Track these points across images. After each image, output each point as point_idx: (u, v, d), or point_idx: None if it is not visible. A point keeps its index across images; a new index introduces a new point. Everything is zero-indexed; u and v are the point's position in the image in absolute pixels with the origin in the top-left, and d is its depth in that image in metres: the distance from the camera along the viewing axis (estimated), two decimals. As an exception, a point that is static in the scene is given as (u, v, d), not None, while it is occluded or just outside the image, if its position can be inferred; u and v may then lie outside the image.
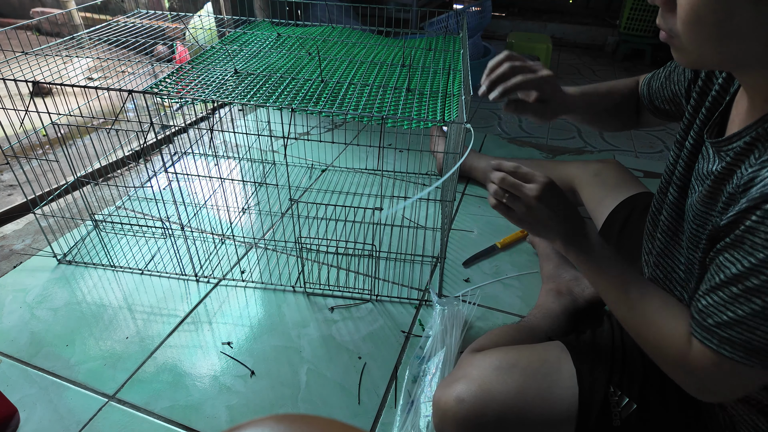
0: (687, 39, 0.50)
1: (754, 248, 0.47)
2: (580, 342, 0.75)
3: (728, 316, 0.50)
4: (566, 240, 0.67)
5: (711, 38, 0.49)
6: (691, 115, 0.69)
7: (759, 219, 0.46)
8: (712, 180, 0.58)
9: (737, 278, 0.49)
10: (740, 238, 0.48)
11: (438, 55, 1.26)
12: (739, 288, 0.49)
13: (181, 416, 0.89)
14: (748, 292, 0.48)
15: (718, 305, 0.51)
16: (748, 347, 0.49)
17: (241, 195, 1.53)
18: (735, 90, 0.61)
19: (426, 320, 1.10)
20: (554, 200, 0.66)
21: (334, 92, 0.99)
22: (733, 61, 0.52)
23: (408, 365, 0.98)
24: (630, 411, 0.67)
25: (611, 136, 1.98)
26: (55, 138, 1.72)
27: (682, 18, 0.49)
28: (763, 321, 0.48)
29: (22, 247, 1.25)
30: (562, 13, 3.35)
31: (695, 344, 0.55)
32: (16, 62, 1.02)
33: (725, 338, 0.51)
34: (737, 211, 0.49)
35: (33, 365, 0.97)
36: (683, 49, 0.52)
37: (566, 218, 0.67)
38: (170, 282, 1.18)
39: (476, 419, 0.68)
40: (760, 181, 0.48)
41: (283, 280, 1.18)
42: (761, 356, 0.49)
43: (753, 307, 0.48)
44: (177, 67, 1.06)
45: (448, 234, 1.12)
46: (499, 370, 0.71)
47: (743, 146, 0.53)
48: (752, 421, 0.62)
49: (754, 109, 0.54)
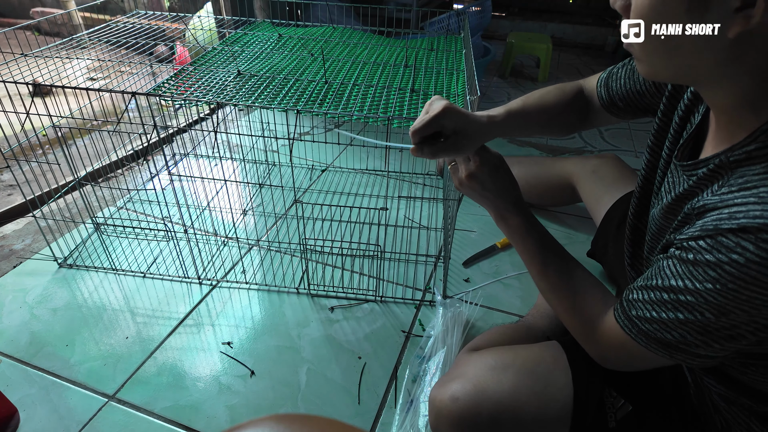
0: (638, 50, 0.51)
1: (698, 274, 0.48)
2: (577, 342, 0.75)
3: (652, 315, 0.54)
4: (496, 215, 0.72)
5: (657, 52, 0.49)
6: (662, 121, 0.68)
7: (708, 248, 0.47)
8: (675, 197, 0.59)
9: (672, 290, 0.51)
10: (688, 260, 0.49)
11: (440, 55, 1.26)
12: (670, 297, 0.52)
13: (181, 416, 0.89)
14: (677, 303, 0.51)
15: (646, 303, 0.55)
16: (662, 342, 0.54)
17: (243, 196, 1.53)
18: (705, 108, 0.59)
19: (426, 320, 1.10)
20: (489, 178, 0.69)
21: (338, 93, 0.99)
22: (686, 77, 0.51)
23: (408, 365, 0.98)
24: (626, 412, 0.67)
25: (612, 136, 1.98)
26: (55, 138, 1.72)
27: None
28: (680, 326, 0.51)
29: (22, 247, 1.25)
30: (562, 13, 3.35)
31: (611, 324, 0.60)
32: (15, 63, 1.03)
33: (643, 331, 0.55)
34: (690, 236, 0.50)
35: (33, 365, 0.97)
36: (639, 59, 0.52)
37: (498, 195, 0.70)
38: (171, 283, 1.18)
39: (471, 418, 0.68)
40: (716, 212, 0.48)
41: (287, 281, 1.18)
42: (670, 350, 0.53)
43: (678, 316, 0.51)
44: (179, 69, 1.05)
45: (453, 234, 1.12)
46: (495, 370, 0.71)
47: (707, 172, 0.53)
48: (746, 424, 0.62)
49: (720, 131, 0.54)
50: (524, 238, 0.71)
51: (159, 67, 1.14)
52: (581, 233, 1.38)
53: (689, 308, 0.50)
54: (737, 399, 0.61)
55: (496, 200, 0.70)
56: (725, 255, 0.46)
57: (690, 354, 0.53)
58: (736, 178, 0.49)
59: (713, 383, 0.64)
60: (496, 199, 0.70)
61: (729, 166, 0.50)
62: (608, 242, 1.08)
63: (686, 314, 0.50)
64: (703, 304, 0.48)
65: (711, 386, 0.64)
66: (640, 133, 2.01)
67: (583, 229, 1.39)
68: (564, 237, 1.35)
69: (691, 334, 0.51)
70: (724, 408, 0.64)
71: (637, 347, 0.56)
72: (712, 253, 0.47)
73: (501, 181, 0.70)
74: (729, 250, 0.45)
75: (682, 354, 0.53)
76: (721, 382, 0.62)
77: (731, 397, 0.62)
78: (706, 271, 0.47)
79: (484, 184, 0.69)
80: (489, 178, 0.69)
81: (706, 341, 0.50)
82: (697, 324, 0.50)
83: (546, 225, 1.41)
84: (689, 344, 0.52)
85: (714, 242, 0.47)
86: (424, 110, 0.68)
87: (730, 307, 0.47)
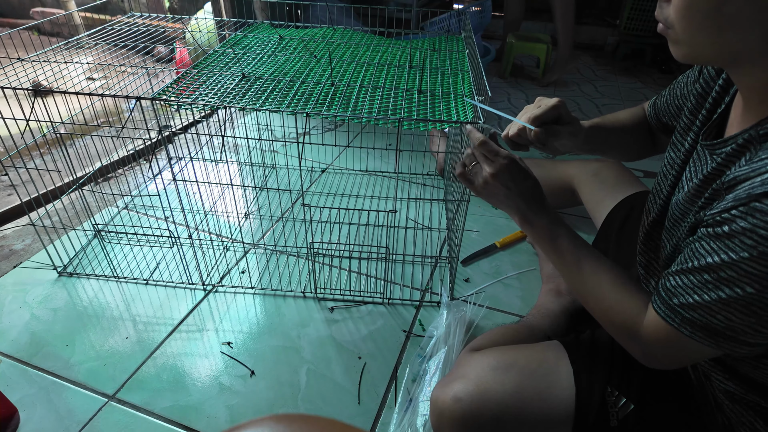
0: (681, 29, 0.50)
1: (734, 245, 0.47)
2: (579, 342, 0.75)
3: (693, 299, 0.52)
4: (521, 217, 0.69)
5: (703, 28, 0.48)
6: (688, 118, 0.69)
7: (741, 215, 0.47)
8: (701, 180, 0.58)
9: (710, 268, 0.50)
10: (722, 233, 0.49)
11: (443, 55, 1.26)
12: (711, 276, 0.50)
13: (181, 416, 0.89)
14: (718, 281, 0.49)
15: (686, 288, 0.53)
16: (707, 330, 0.52)
17: (248, 199, 1.53)
18: (734, 92, 0.61)
19: (426, 320, 1.10)
20: (511, 179, 0.67)
21: (345, 95, 0.99)
22: (728, 55, 0.51)
23: (408, 364, 0.98)
24: (627, 411, 0.67)
25: (611, 136, 1.98)
26: (53, 139, 1.72)
27: (676, 6, 0.49)
28: (724, 308, 0.49)
29: (23, 248, 1.25)
30: (562, 13, 3.35)
31: (653, 318, 0.57)
32: (12, 67, 1.02)
33: (687, 319, 0.53)
34: (723, 208, 0.49)
35: (33, 365, 0.97)
36: (678, 41, 0.52)
37: (521, 196, 0.68)
38: (175, 286, 1.18)
39: (473, 419, 0.68)
40: (748, 182, 0.48)
41: (293, 284, 1.18)
42: (716, 338, 0.51)
43: (720, 295, 0.49)
44: (183, 72, 1.05)
45: (462, 235, 1.12)
46: (497, 370, 0.71)
47: (735, 148, 0.53)
48: (750, 423, 0.62)
49: (749, 112, 0.54)
50: (553, 240, 0.68)
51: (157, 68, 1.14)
52: (581, 233, 1.37)
53: (730, 284, 0.48)
54: (745, 395, 0.61)
55: (520, 203, 0.68)
56: (760, 219, 0.45)
57: (737, 342, 0.51)
58: (767, 149, 0.49)
59: (722, 379, 0.64)
60: (520, 201, 0.68)
61: (758, 140, 0.50)
62: (609, 245, 1.08)
63: (728, 291, 0.49)
64: (744, 278, 0.47)
65: (720, 382, 0.64)
66: (640, 133, 2.01)
67: (584, 229, 1.39)
68: (564, 237, 1.35)
69: (736, 315, 0.49)
70: (727, 406, 0.64)
71: (683, 339, 0.54)
72: (746, 219, 0.46)
73: (524, 182, 0.68)
74: (764, 213, 0.45)
75: (729, 342, 0.51)
76: (731, 378, 0.62)
77: (739, 394, 0.62)
78: (743, 240, 0.46)
79: (508, 186, 0.67)
80: (512, 179, 0.67)
81: (751, 324, 0.49)
82: (740, 302, 0.48)
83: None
84: (735, 330, 0.50)
85: (747, 209, 0.46)
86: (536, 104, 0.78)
87: None
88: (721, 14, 0.46)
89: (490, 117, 0.85)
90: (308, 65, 1.13)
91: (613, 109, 2.22)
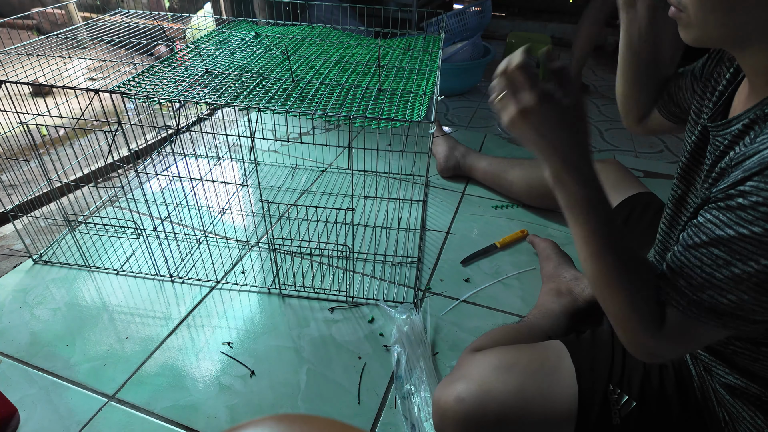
0: (694, 9, 0.51)
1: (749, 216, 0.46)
2: (580, 341, 0.75)
3: (703, 278, 0.49)
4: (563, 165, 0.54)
5: (716, 8, 0.50)
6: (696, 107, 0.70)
7: (755, 188, 0.45)
8: (710, 165, 0.58)
9: (721, 241, 0.48)
10: (735, 205, 0.47)
11: (416, 55, 1.26)
12: (722, 250, 0.48)
13: (181, 416, 0.89)
14: (731, 254, 0.47)
15: (694, 266, 0.50)
16: (716, 311, 0.49)
17: (242, 197, 1.53)
18: (739, 80, 0.61)
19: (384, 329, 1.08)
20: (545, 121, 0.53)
21: (304, 92, 0.99)
22: (736, 37, 0.52)
23: (393, 387, 0.95)
24: (629, 409, 0.67)
25: (611, 136, 1.98)
26: (38, 141, 1.72)
27: None
28: (736, 286, 0.47)
29: (23, 248, 1.25)
30: (562, 13, 3.35)
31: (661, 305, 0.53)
32: (9, 63, 1.03)
33: (695, 301, 0.50)
34: (733, 181, 0.48)
35: (33, 365, 0.97)
36: (689, 24, 0.53)
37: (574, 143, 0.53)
38: (173, 284, 1.18)
39: (476, 419, 0.68)
40: (757, 156, 0.47)
41: (289, 281, 1.18)
42: (724, 318, 0.49)
43: (732, 271, 0.47)
44: (148, 66, 1.06)
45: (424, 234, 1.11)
46: (499, 370, 0.71)
47: (741, 128, 0.53)
48: (751, 419, 0.62)
49: (754, 93, 0.55)
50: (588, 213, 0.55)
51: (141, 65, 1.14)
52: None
53: (743, 258, 0.46)
54: (747, 389, 0.61)
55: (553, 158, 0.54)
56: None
57: (745, 320, 0.48)
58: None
59: (723, 373, 0.64)
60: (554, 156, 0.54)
61: (763, 118, 0.50)
62: None
63: (741, 266, 0.46)
64: (758, 250, 0.45)
65: (720, 376, 0.64)
66: (641, 133, 2.01)
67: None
68: (564, 237, 1.35)
69: (748, 293, 0.47)
70: (728, 401, 0.64)
71: (691, 324, 0.51)
72: (758, 189, 0.45)
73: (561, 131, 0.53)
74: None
75: (737, 321, 0.49)
76: (731, 371, 0.62)
77: (740, 388, 0.62)
78: (757, 209, 0.45)
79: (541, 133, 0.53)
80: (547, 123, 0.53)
81: (762, 302, 0.47)
82: (753, 278, 0.46)
83: (547, 225, 1.43)
84: (745, 309, 0.48)
85: (761, 178, 0.45)
86: None
87: None
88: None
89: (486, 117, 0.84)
90: (274, 62, 1.13)
91: (614, 109, 2.22)
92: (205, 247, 1.28)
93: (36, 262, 1.23)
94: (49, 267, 1.21)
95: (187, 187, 1.50)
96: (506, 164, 1.49)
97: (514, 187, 1.46)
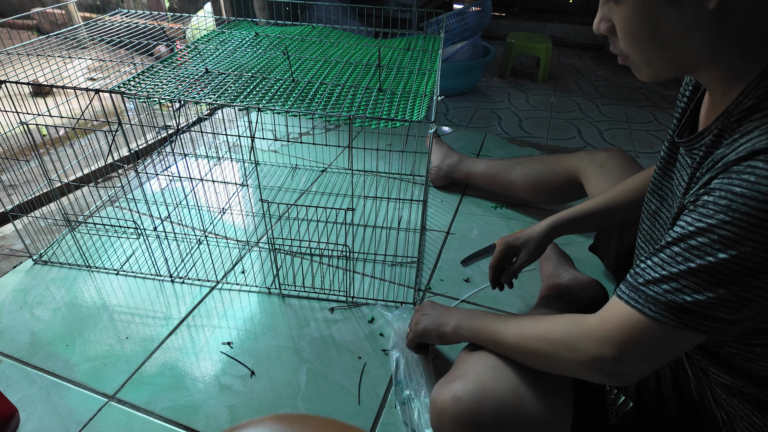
0: (633, 54, 0.54)
1: (708, 210, 0.47)
2: None
3: (660, 274, 0.51)
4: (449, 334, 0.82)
5: (651, 48, 0.52)
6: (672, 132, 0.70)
7: (717, 185, 0.47)
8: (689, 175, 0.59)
9: (682, 238, 0.49)
10: (697, 206, 0.49)
11: (416, 55, 1.26)
12: (681, 246, 0.49)
13: (181, 416, 0.89)
14: (689, 250, 0.48)
15: (655, 265, 0.52)
16: (673, 306, 0.50)
17: (247, 198, 1.53)
18: (700, 95, 0.62)
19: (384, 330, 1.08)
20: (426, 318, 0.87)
21: (304, 92, 0.99)
22: (683, 65, 0.54)
23: (393, 391, 0.95)
24: (626, 409, 0.67)
25: (611, 136, 1.98)
26: (37, 141, 1.72)
27: (622, 38, 0.54)
28: (693, 279, 0.48)
29: (22, 248, 1.25)
30: (562, 13, 3.35)
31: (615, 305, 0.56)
32: (9, 63, 1.03)
33: (651, 296, 0.51)
34: (699, 185, 0.50)
35: (33, 365, 0.97)
36: (638, 66, 0.56)
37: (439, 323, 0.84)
38: (173, 284, 1.18)
39: (473, 418, 0.68)
40: (723, 160, 0.49)
41: (289, 281, 1.18)
42: (682, 314, 0.49)
43: (689, 266, 0.48)
44: (148, 66, 1.06)
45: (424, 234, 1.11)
46: (496, 369, 0.71)
47: (713, 138, 0.54)
48: (749, 417, 0.62)
49: (715, 105, 0.56)
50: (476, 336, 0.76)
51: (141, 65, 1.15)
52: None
53: (701, 252, 0.47)
54: (743, 389, 0.61)
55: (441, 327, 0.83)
56: (735, 179, 0.45)
57: (704, 317, 0.49)
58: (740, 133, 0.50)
59: (719, 373, 0.64)
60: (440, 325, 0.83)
61: (731, 127, 0.51)
62: (612, 238, 1.07)
63: (698, 261, 0.47)
64: (715, 243, 0.46)
65: (717, 377, 0.64)
66: (640, 134, 2.01)
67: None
68: (563, 237, 1.35)
69: (705, 287, 0.47)
70: (725, 401, 0.64)
71: (647, 324, 0.51)
72: (721, 184, 0.46)
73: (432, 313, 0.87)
74: (738, 173, 0.45)
75: (694, 318, 0.49)
76: (727, 372, 0.62)
77: (736, 388, 0.62)
78: (717, 202, 0.46)
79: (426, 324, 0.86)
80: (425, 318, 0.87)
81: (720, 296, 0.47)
82: (709, 271, 0.47)
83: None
84: (702, 304, 0.48)
85: (724, 175, 0.47)
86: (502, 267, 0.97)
87: (742, 237, 0.45)
88: (660, 32, 0.50)
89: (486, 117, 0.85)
90: (274, 62, 1.13)
91: (613, 109, 2.22)
92: (205, 247, 1.28)
93: (36, 262, 1.23)
94: (49, 267, 1.22)
95: (187, 187, 1.50)
96: (505, 165, 1.48)
97: (517, 186, 1.42)
